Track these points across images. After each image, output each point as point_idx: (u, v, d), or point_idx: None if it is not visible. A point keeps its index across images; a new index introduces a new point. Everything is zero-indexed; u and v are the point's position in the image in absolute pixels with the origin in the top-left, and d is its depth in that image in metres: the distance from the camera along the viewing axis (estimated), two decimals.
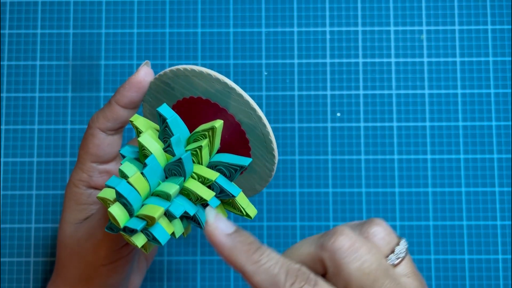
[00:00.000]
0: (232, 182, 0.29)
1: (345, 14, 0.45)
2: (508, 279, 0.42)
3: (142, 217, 0.26)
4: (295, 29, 0.45)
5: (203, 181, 0.28)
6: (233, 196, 0.28)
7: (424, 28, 0.45)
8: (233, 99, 0.28)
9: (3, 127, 0.44)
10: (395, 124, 0.44)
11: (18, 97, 0.44)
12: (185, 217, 0.28)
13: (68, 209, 0.33)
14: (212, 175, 0.28)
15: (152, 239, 0.27)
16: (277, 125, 0.44)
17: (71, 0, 0.45)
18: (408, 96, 0.44)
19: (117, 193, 0.26)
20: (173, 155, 0.28)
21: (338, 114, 0.44)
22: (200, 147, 0.28)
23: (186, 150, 0.28)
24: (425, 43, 0.44)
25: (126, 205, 0.26)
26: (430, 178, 0.43)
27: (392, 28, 0.45)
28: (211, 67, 0.44)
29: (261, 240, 0.43)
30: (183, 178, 0.27)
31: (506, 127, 0.43)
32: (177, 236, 0.28)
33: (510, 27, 0.44)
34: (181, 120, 0.28)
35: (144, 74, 0.31)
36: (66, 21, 0.45)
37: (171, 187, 0.27)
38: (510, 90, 0.44)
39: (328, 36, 0.45)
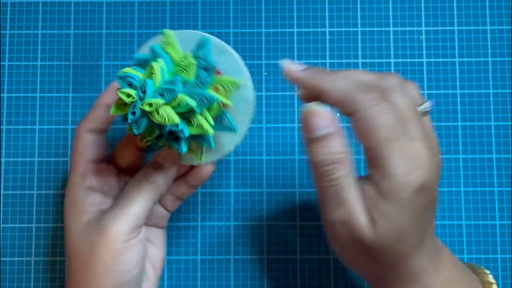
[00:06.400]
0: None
1: (344, 14, 0.45)
2: (508, 279, 0.42)
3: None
4: (295, 29, 0.45)
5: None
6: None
7: (424, 28, 0.45)
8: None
9: (3, 127, 0.44)
10: None
11: (19, 97, 0.44)
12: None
13: (70, 220, 0.35)
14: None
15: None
16: (277, 125, 0.44)
17: (71, 0, 0.45)
18: None
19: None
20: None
21: (338, 115, 0.44)
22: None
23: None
24: (424, 44, 0.45)
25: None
26: None
27: (391, 28, 0.45)
28: None
29: (261, 239, 0.43)
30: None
31: (505, 127, 0.44)
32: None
33: (509, 27, 0.44)
34: None
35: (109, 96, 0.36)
36: (67, 22, 0.45)
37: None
38: (509, 91, 0.44)
39: (328, 37, 0.45)
